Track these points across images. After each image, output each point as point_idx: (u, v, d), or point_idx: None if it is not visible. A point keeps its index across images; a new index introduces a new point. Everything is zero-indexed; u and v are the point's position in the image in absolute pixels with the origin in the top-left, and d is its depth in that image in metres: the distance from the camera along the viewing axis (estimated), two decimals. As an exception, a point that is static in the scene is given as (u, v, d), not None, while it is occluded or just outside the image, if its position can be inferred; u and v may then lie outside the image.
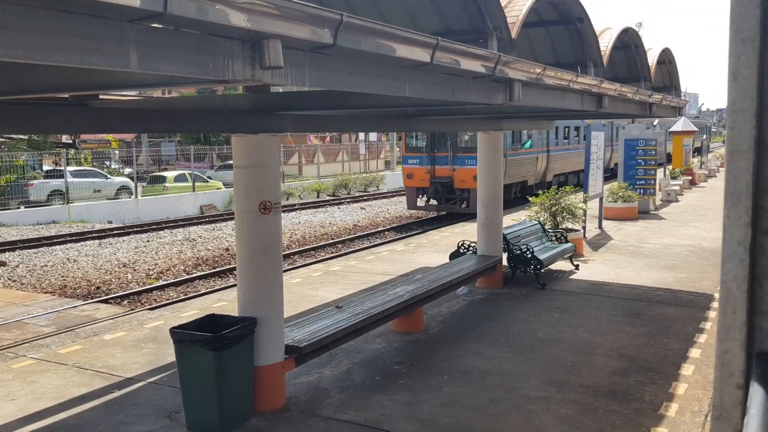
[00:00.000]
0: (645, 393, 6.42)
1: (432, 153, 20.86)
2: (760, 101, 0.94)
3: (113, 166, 34.19)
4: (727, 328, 0.96)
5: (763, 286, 0.96)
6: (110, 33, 2.39)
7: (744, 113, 0.94)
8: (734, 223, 0.95)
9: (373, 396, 6.36)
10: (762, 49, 0.93)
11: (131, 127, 4.73)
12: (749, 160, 0.94)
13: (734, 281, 0.95)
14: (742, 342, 0.95)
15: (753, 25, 0.93)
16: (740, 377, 0.95)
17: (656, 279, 11.15)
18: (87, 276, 14.64)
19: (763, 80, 0.94)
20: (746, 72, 0.94)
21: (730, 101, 0.96)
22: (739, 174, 0.95)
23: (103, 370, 7.13)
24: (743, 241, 0.94)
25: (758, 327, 0.96)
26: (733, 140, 0.95)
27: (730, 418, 0.95)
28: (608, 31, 8.18)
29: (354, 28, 3.24)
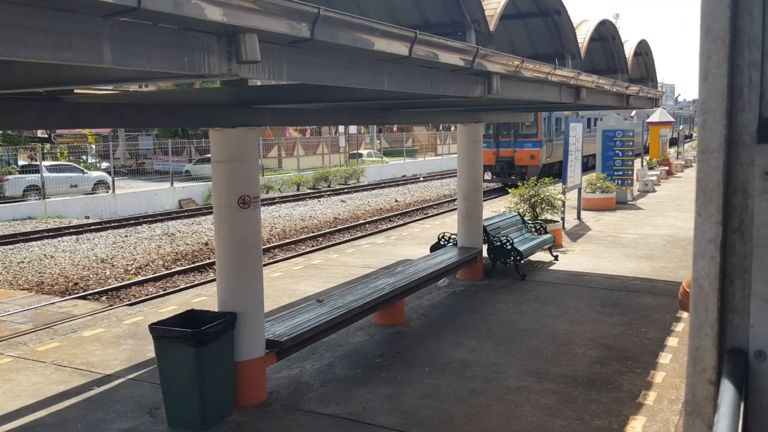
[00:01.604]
0: (623, 382, 6.50)
1: (497, 138, 27.09)
2: (731, 100, 0.96)
3: (90, 161, 33.77)
4: (699, 325, 0.98)
5: (734, 284, 0.98)
6: (83, 28, 2.36)
7: (715, 112, 0.95)
8: (705, 221, 0.96)
9: (355, 389, 6.38)
10: (732, 49, 0.95)
11: (107, 122, 4.67)
12: (720, 158, 0.96)
13: (706, 279, 0.97)
14: (713, 338, 0.97)
15: (723, 24, 0.94)
16: (712, 373, 0.96)
17: (634, 269, 11.28)
18: (64, 272, 14.48)
19: (734, 79, 0.96)
20: (716, 71, 0.95)
21: (701, 100, 0.98)
22: (710, 172, 0.96)
23: (82, 367, 7.07)
24: (714, 239, 0.96)
25: (729, 323, 0.98)
26: (704, 139, 0.97)
27: (702, 413, 0.96)
28: (586, 23, 8.23)
29: (331, 22, 3.23)
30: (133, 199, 25.54)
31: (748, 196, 0.97)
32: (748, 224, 0.97)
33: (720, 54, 0.95)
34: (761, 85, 0.95)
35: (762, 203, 0.96)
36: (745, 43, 0.95)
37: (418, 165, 43.03)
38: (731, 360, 0.95)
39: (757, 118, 0.95)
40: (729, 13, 0.94)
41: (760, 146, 0.95)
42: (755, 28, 0.94)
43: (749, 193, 0.96)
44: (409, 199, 27.99)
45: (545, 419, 5.71)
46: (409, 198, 28.20)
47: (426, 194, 29.57)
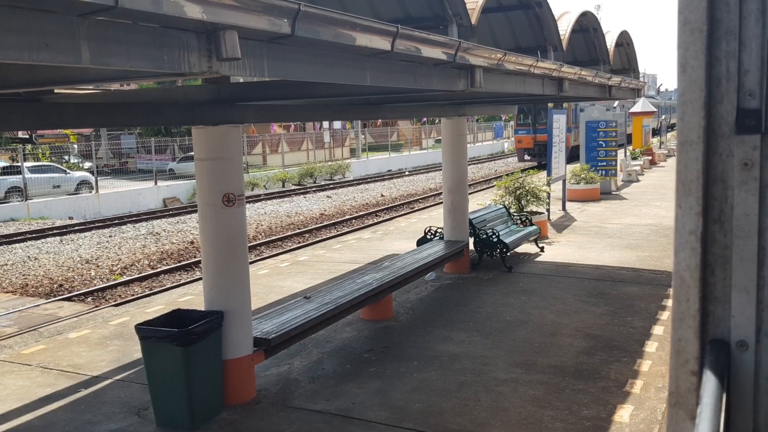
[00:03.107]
0: (611, 371, 6.55)
1: (535, 126, 31.64)
2: (709, 91, 0.96)
3: (72, 161, 33.44)
4: (681, 316, 0.98)
5: (715, 274, 0.98)
6: (60, 28, 2.32)
7: (693, 104, 0.96)
8: (686, 213, 0.97)
9: (344, 385, 6.38)
10: (709, 40, 0.95)
11: (88, 122, 4.62)
12: (699, 150, 0.96)
13: (687, 270, 0.98)
14: (695, 329, 0.97)
15: (700, 15, 0.94)
16: (695, 364, 0.97)
17: (619, 258, 11.36)
18: (49, 274, 14.35)
19: (711, 71, 0.96)
20: (694, 63, 0.95)
21: (680, 92, 0.98)
22: (689, 164, 0.96)
23: (69, 370, 7.02)
24: (695, 230, 0.96)
25: (711, 314, 0.99)
26: (683, 131, 0.97)
27: (686, 404, 0.97)
28: (567, 14, 8.26)
29: (312, 18, 3.21)
30: (117, 198, 25.33)
31: (728, 187, 0.97)
32: (728, 215, 0.98)
33: (697, 45, 0.95)
34: (739, 76, 0.95)
35: (741, 194, 0.96)
36: (722, 33, 0.95)
37: (403, 159, 43.03)
38: (713, 351, 0.95)
39: (736, 108, 0.95)
40: (706, 4, 0.94)
41: (739, 137, 0.95)
42: (732, 18, 0.95)
43: (729, 183, 0.97)
44: (395, 193, 28.00)
45: (534, 410, 5.74)
46: (394, 192, 28.21)
47: (412, 188, 29.59)
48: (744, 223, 0.97)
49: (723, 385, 0.88)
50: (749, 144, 0.95)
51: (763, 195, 0.96)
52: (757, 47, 0.94)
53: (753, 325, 0.97)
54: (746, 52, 0.95)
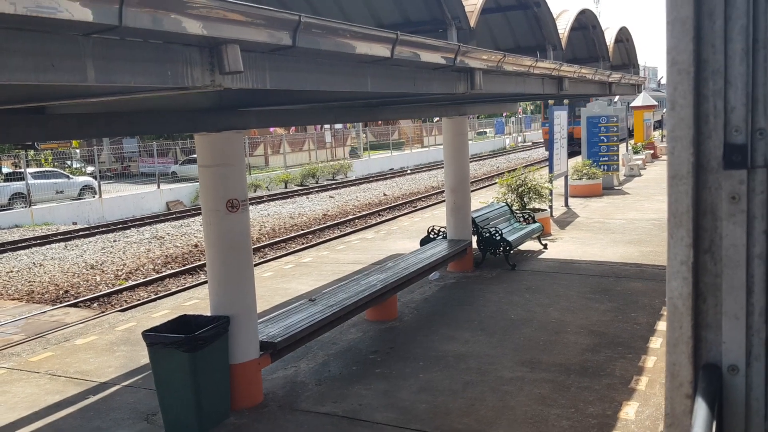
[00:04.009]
0: (616, 368, 6.58)
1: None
2: (697, 128, 1.00)
3: (75, 166, 33.52)
4: (675, 342, 1.02)
5: (707, 301, 1.02)
6: (66, 48, 2.36)
7: (682, 140, 0.99)
8: (677, 244, 1.00)
9: (351, 386, 6.42)
10: (697, 80, 0.99)
11: (91, 132, 4.67)
12: (689, 184, 1.00)
13: (679, 298, 1.01)
14: (689, 355, 1.01)
15: (687, 57, 0.98)
16: (689, 387, 1.01)
17: (622, 254, 11.38)
18: (54, 280, 14.41)
19: (700, 108, 1.00)
20: (683, 101, 0.99)
21: (670, 128, 1.02)
22: (679, 197, 1.00)
23: (77, 376, 7.07)
24: (686, 260, 1.00)
25: (704, 339, 1.03)
26: (674, 165, 1.01)
27: (680, 426, 1.01)
28: (566, 13, 8.27)
29: (312, 28, 3.24)
30: (120, 203, 25.39)
31: (717, 219, 1.01)
32: (718, 245, 1.01)
33: (685, 85, 0.99)
34: (725, 113, 0.99)
35: (730, 226, 1.00)
36: (709, 73, 0.99)
37: (405, 158, 43.04)
38: (706, 375, 0.99)
39: (723, 144, 0.99)
40: (692, 46, 0.97)
41: (727, 172, 0.99)
42: (718, 58, 0.98)
43: (718, 216, 1.01)
44: (398, 192, 28.02)
45: (540, 409, 5.78)
46: (397, 191, 28.23)
47: (414, 187, 29.62)
48: (733, 254, 1.00)
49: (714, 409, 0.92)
50: (736, 178, 0.99)
51: (750, 226, 0.99)
52: (743, 85, 0.98)
53: (743, 350, 1.01)
54: (732, 90, 0.99)
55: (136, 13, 2.29)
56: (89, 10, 2.23)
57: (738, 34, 0.97)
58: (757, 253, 1.00)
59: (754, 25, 0.97)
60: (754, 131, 0.98)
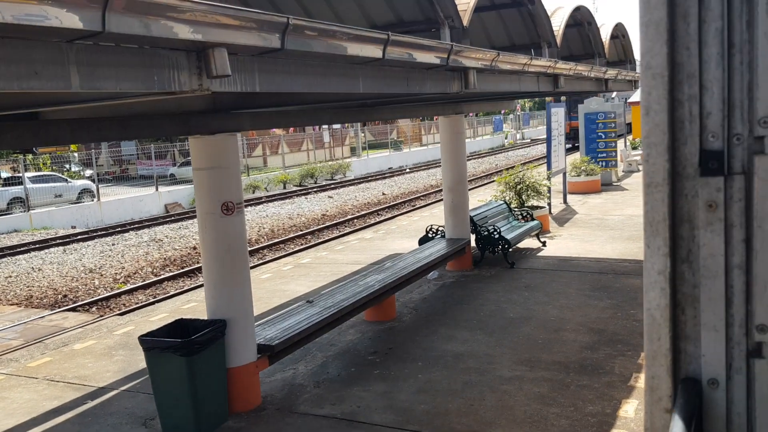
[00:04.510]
0: (615, 366, 6.56)
1: (569, 114, 32.74)
2: (672, 134, 0.97)
3: (73, 169, 33.48)
4: (654, 354, 1.00)
5: (685, 312, 1.00)
6: (49, 55, 2.33)
7: (657, 147, 0.97)
8: (654, 253, 0.98)
9: (349, 388, 6.40)
10: (671, 84, 0.96)
11: (84, 137, 4.64)
12: (664, 192, 0.97)
13: (657, 309, 0.99)
14: (668, 368, 0.99)
15: (661, 61, 0.96)
16: (668, 402, 0.99)
17: (621, 251, 11.36)
18: (53, 284, 14.39)
19: (674, 114, 0.97)
20: (657, 107, 0.97)
21: (644, 135, 0.99)
22: (655, 206, 0.98)
23: (75, 381, 7.05)
24: (663, 270, 0.98)
25: (683, 351, 1.00)
26: (649, 172, 0.99)
27: None
28: (560, 10, 8.25)
29: (301, 31, 3.22)
30: (119, 206, 25.35)
31: (695, 227, 0.99)
32: (696, 254, 0.99)
33: (660, 90, 0.96)
34: (701, 118, 0.97)
35: (707, 235, 0.98)
36: (684, 77, 0.97)
37: (403, 156, 42.99)
38: (685, 389, 0.97)
39: (699, 151, 0.97)
40: (666, 49, 0.95)
41: (703, 179, 0.97)
42: (693, 62, 0.96)
43: (696, 224, 0.98)
44: (396, 191, 27.99)
45: (539, 408, 5.76)
46: (396, 190, 28.20)
47: (413, 186, 29.58)
48: (711, 264, 0.98)
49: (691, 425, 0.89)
50: (713, 186, 0.97)
51: (728, 235, 0.97)
52: (718, 90, 0.96)
53: (723, 362, 0.99)
54: (708, 95, 0.96)
55: (119, 18, 2.26)
56: (73, 16, 2.21)
57: (713, 38, 0.95)
58: (736, 262, 0.97)
59: (729, 28, 0.94)
60: (731, 137, 0.96)
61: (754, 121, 0.94)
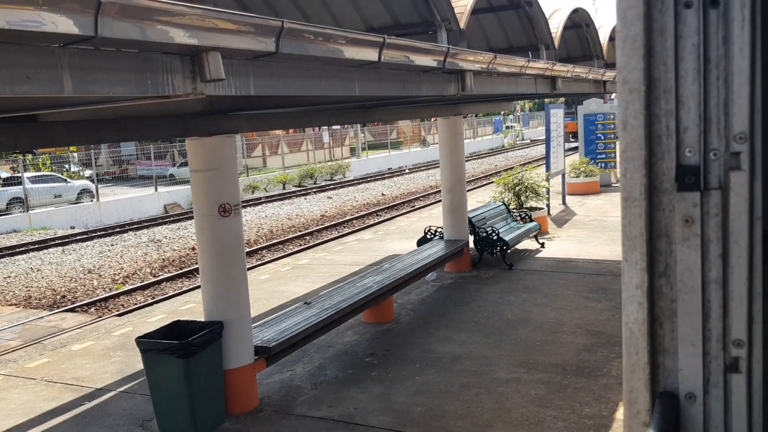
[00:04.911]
0: (612, 368, 6.56)
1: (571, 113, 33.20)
2: (649, 149, 0.98)
3: (73, 169, 33.48)
4: (632, 368, 1.00)
5: (663, 326, 1.00)
6: (41, 60, 2.34)
7: (634, 161, 0.97)
8: (631, 268, 0.99)
9: (346, 390, 6.40)
10: (648, 99, 0.97)
11: (82, 140, 4.65)
12: (642, 206, 0.98)
13: (635, 323, 1.00)
14: (646, 381, 0.99)
15: (638, 76, 0.96)
16: (646, 415, 0.99)
17: (619, 252, 11.24)
18: (52, 285, 14.39)
19: (652, 128, 0.98)
20: (634, 122, 0.97)
21: (622, 149, 1.00)
22: (633, 220, 0.98)
23: (73, 382, 7.05)
24: (641, 284, 0.98)
25: (661, 365, 1.01)
26: (626, 187, 0.99)
27: None
28: (558, 12, 8.25)
29: (296, 34, 3.22)
30: (118, 206, 25.36)
31: (672, 242, 0.99)
32: (673, 269, 0.99)
33: (636, 105, 0.97)
34: (678, 133, 0.97)
35: (684, 249, 0.98)
36: (661, 92, 0.97)
37: (403, 157, 42.99)
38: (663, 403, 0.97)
39: (676, 165, 0.97)
40: (643, 64, 0.96)
41: (680, 194, 0.97)
42: (670, 77, 0.96)
43: (673, 238, 0.99)
44: (396, 192, 27.99)
45: (536, 410, 5.76)
46: (395, 191, 28.20)
47: (412, 186, 29.58)
48: (688, 278, 0.98)
49: None
50: (690, 201, 0.97)
51: (705, 250, 0.98)
52: (695, 105, 0.96)
53: (700, 377, 0.99)
54: (684, 110, 0.97)
55: (112, 23, 2.27)
56: (67, 21, 2.21)
57: (690, 53, 0.96)
58: (713, 277, 0.98)
59: (705, 43, 0.95)
60: (708, 152, 0.96)
61: (731, 137, 0.95)
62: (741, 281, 0.96)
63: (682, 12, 0.95)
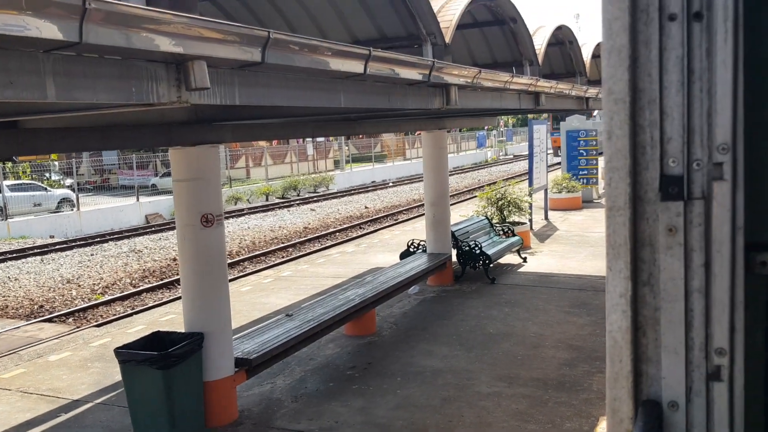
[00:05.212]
0: (593, 382, 6.58)
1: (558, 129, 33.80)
2: (634, 159, 0.99)
3: (54, 178, 33.14)
4: (615, 376, 1.01)
5: (647, 335, 1.01)
6: (25, 65, 2.32)
7: (619, 171, 0.99)
8: (615, 276, 1.00)
9: (327, 403, 6.36)
10: (632, 110, 0.98)
11: (64, 147, 4.60)
12: (626, 215, 0.99)
13: (619, 331, 1.00)
14: (629, 390, 1.00)
15: (623, 87, 0.98)
16: (629, 423, 1.00)
17: (601, 268, 11.42)
18: (29, 294, 14.19)
19: (636, 139, 1.00)
20: (619, 132, 0.99)
21: (607, 159, 1.01)
22: (617, 229, 0.99)
23: (49, 394, 6.94)
24: (624, 293, 0.99)
25: (644, 374, 1.02)
26: (611, 196, 1.00)
27: None
28: (542, 29, 8.34)
29: (283, 45, 3.22)
30: (99, 215, 25.11)
31: (656, 251, 1.00)
32: (657, 278, 1.01)
33: (621, 115, 0.98)
34: (662, 144, 0.99)
35: (667, 259, 1.00)
36: (645, 103, 0.99)
37: (387, 170, 43.07)
38: (646, 411, 0.98)
39: (659, 175, 0.99)
40: (628, 75, 0.97)
41: (664, 204, 0.99)
42: (654, 88, 0.98)
43: (656, 247, 1.00)
44: (379, 205, 28.00)
45: (517, 424, 5.75)
46: (378, 204, 28.22)
47: (396, 200, 29.62)
48: (671, 287, 1.00)
49: None
50: (673, 211, 0.98)
51: (688, 259, 0.99)
52: (679, 116, 0.98)
53: (683, 385, 1.00)
54: (668, 121, 0.98)
55: (97, 29, 2.26)
56: (51, 27, 2.19)
57: (674, 65, 0.97)
58: (696, 287, 0.99)
59: (689, 55, 0.97)
60: (691, 162, 0.98)
61: (713, 148, 0.97)
62: (723, 290, 0.97)
63: (667, 24, 0.97)
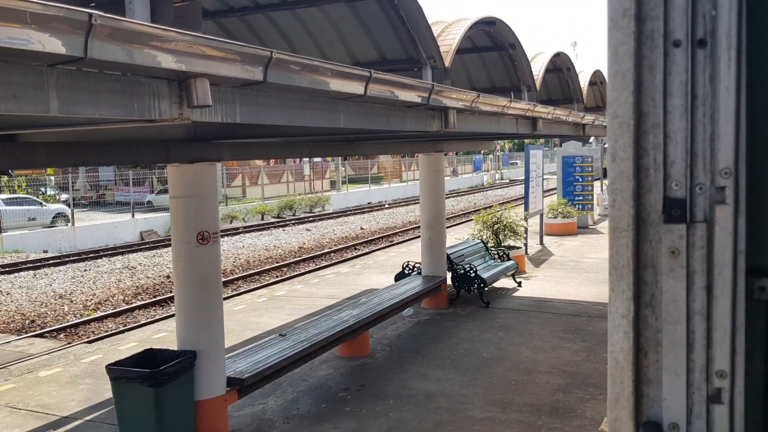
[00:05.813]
0: (586, 409, 6.55)
1: None
2: (638, 181, 1.01)
3: (49, 193, 33.09)
4: (616, 397, 1.01)
5: (648, 356, 1.02)
6: (28, 79, 2.33)
7: (623, 193, 1.00)
8: (618, 297, 1.00)
9: (319, 425, 6.30)
10: (636, 133, 1.00)
11: (62, 161, 4.61)
12: (629, 237, 1.00)
13: (620, 352, 1.01)
14: (630, 411, 1.00)
15: (627, 110, 1.00)
16: None
17: (595, 293, 11.43)
18: (21, 309, 14.09)
19: (640, 162, 1.01)
20: (623, 154, 1.00)
21: (611, 181, 1.03)
22: (620, 250, 1.01)
23: (38, 410, 6.86)
24: (627, 314, 1.00)
25: (645, 395, 1.02)
26: (614, 218, 1.01)
27: None
28: (541, 55, 8.43)
29: (284, 65, 3.25)
30: (93, 231, 25.03)
31: (658, 273, 1.01)
32: (659, 299, 1.01)
33: (625, 138, 1.00)
34: (665, 167, 1.00)
35: (670, 281, 1.00)
36: (649, 126, 1.01)
37: (383, 192, 43.15)
38: None
39: (663, 198, 1.00)
40: (633, 99, 0.99)
41: (666, 226, 1.00)
42: (658, 112, 1.00)
43: (659, 269, 1.01)
44: (375, 226, 28.00)
45: (510, 450, 5.71)
46: (374, 225, 28.22)
47: (391, 221, 29.63)
48: (673, 309, 1.00)
49: None
50: (676, 233, 1.00)
51: (690, 282, 1.00)
52: (682, 140, 0.99)
53: (684, 407, 1.00)
54: (672, 145, 1.00)
55: (102, 45, 2.27)
56: (56, 41, 2.21)
57: (678, 90, 0.99)
58: (698, 309, 1.00)
59: (692, 81, 0.98)
60: (694, 186, 0.99)
61: (716, 172, 0.98)
62: (725, 313, 0.98)
63: (671, 50, 0.99)
